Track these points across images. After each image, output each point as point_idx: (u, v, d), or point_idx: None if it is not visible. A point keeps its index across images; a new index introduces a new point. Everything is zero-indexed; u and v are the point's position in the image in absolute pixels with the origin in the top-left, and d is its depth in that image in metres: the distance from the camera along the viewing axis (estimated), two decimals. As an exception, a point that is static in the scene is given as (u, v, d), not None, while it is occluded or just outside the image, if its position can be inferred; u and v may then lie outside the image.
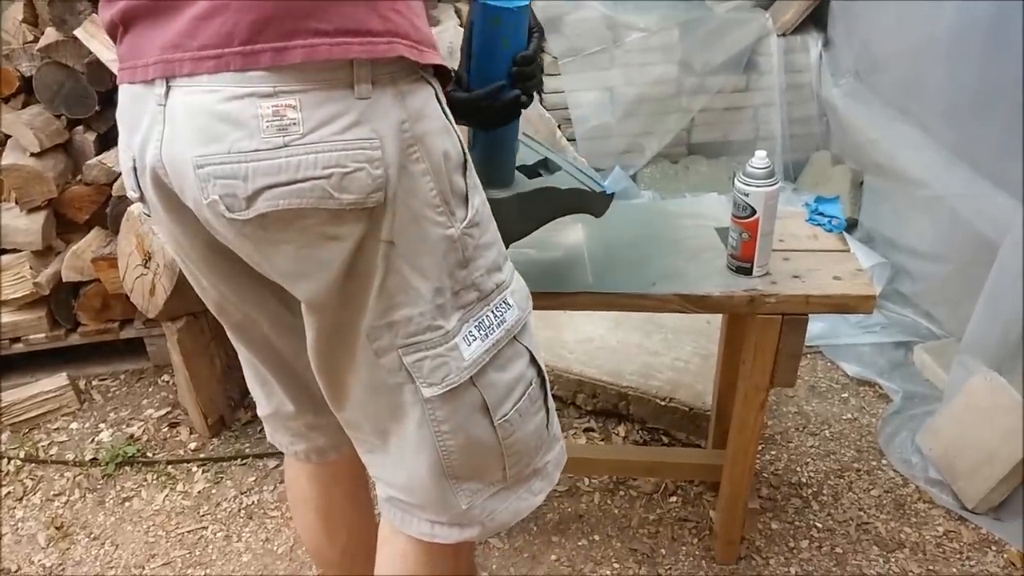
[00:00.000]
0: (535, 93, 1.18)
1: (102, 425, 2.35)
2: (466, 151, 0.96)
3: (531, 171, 1.42)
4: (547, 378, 1.09)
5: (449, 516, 1.08)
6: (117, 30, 0.92)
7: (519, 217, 1.35)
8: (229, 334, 1.17)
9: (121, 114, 0.95)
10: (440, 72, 0.93)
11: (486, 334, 0.98)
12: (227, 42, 0.81)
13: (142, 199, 0.98)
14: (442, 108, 0.92)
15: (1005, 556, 1.85)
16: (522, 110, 1.17)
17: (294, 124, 0.82)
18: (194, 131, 0.84)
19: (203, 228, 0.93)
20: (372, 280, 0.91)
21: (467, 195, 0.95)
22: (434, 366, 0.96)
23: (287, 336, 1.13)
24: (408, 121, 0.86)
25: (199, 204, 0.87)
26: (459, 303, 0.96)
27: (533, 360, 1.06)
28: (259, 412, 1.30)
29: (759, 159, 1.40)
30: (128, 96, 0.93)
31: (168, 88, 0.86)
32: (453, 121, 0.95)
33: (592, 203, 1.41)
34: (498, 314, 1.00)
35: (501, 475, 1.07)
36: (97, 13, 2.20)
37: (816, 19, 3.18)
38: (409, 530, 1.12)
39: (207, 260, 1.02)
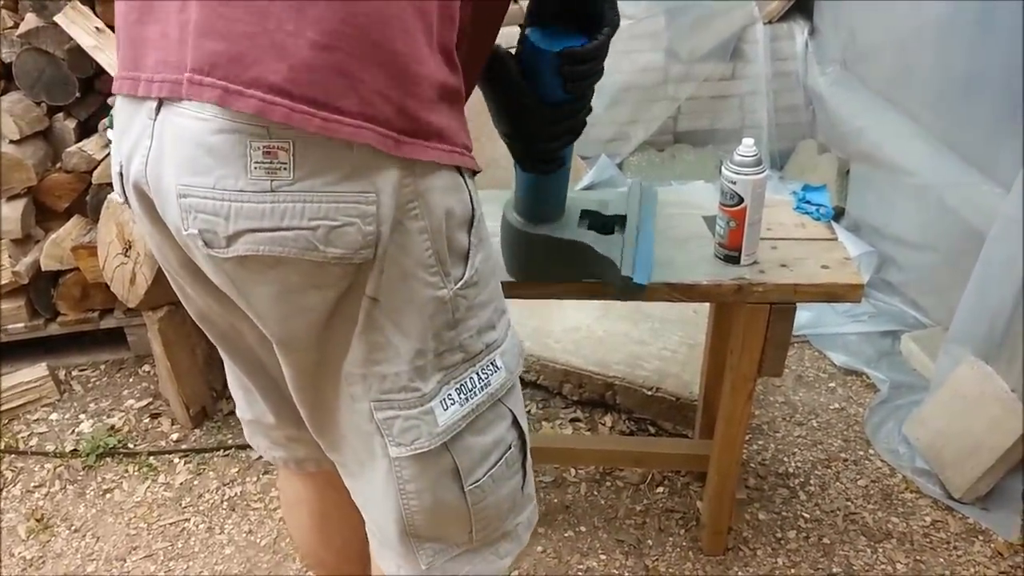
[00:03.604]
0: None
1: (82, 416, 2.33)
2: (476, 207, 0.89)
3: (602, 220, 1.38)
4: (528, 439, 1.03)
5: (409, 569, 1.04)
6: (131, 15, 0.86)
7: (527, 255, 1.36)
8: (212, 340, 1.12)
9: (116, 112, 0.91)
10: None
11: (466, 398, 0.92)
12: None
13: (127, 203, 0.94)
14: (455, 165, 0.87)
15: (992, 546, 1.86)
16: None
17: (284, 168, 0.76)
18: (179, 158, 0.79)
19: None
20: (352, 327, 0.87)
21: (468, 253, 0.88)
22: (405, 427, 0.91)
23: (272, 349, 1.10)
24: (411, 176, 0.80)
25: (179, 230, 0.83)
26: (441, 364, 0.90)
27: (515, 423, 1.00)
28: (239, 414, 1.25)
29: (746, 147, 1.38)
30: (124, 98, 0.89)
31: (160, 103, 0.81)
32: (466, 177, 0.88)
33: (614, 281, 1.35)
34: (483, 376, 0.93)
35: (467, 538, 1.02)
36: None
37: (802, 7, 3.17)
38: (380, 562, 1.08)
39: (193, 272, 0.96)
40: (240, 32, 0.74)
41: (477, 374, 0.93)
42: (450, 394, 0.91)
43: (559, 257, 1.35)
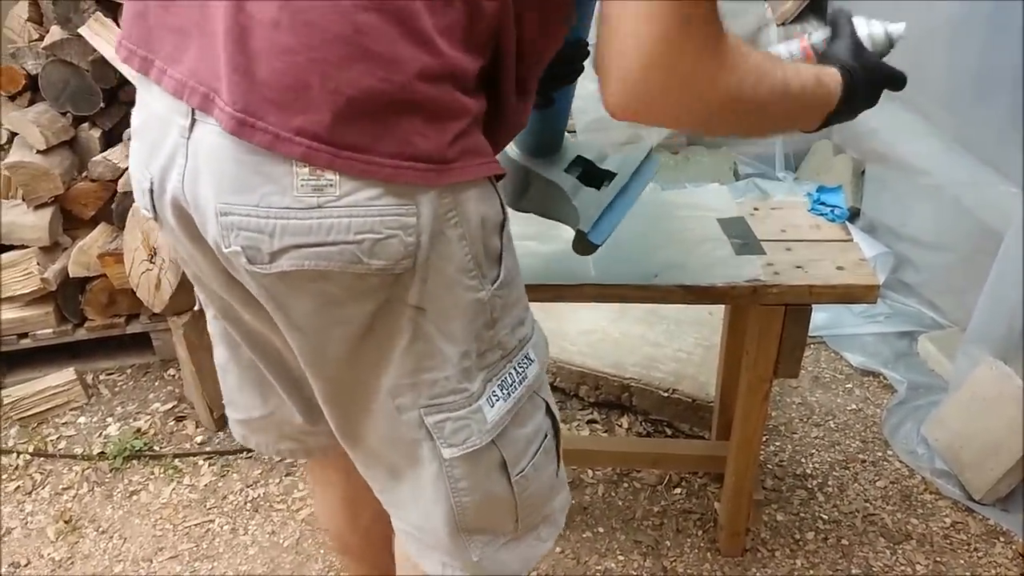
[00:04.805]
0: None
1: (109, 419, 2.37)
2: (505, 209, 0.92)
3: (592, 172, 1.36)
4: (559, 425, 1.07)
5: (461, 563, 1.07)
6: None
7: (522, 187, 1.36)
8: (238, 337, 1.11)
9: (140, 128, 0.92)
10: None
11: (508, 393, 0.96)
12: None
13: (156, 218, 0.95)
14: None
15: (1013, 548, 1.85)
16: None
17: (330, 185, 0.78)
18: (219, 176, 0.81)
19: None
20: (397, 340, 0.88)
21: (501, 255, 0.91)
22: (456, 428, 0.94)
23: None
24: (448, 188, 0.83)
25: (218, 248, 0.85)
26: (484, 363, 0.93)
27: (549, 410, 1.04)
28: (240, 416, 1.22)
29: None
30: (148, 112, 0.90)
31: (194, 121, 0.82)
32: (495, 183, 0.91)
33: (576, 232, 1.35)
34: (520, 370, 0.97)
35: (513, 526, 1.06)
36: (101, 12, 2.21)
37: (815, 8, 3.16)
38: (423, 564, 1.10)
39: (226, 285, 0.97)
40: (286, 84, 0.76)
41: (515, 368, 0.96)
42: (494, 391, 0.94)
43: (538, 192, 1.35)
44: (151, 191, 0.91)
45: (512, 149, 1.36)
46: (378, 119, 0.78)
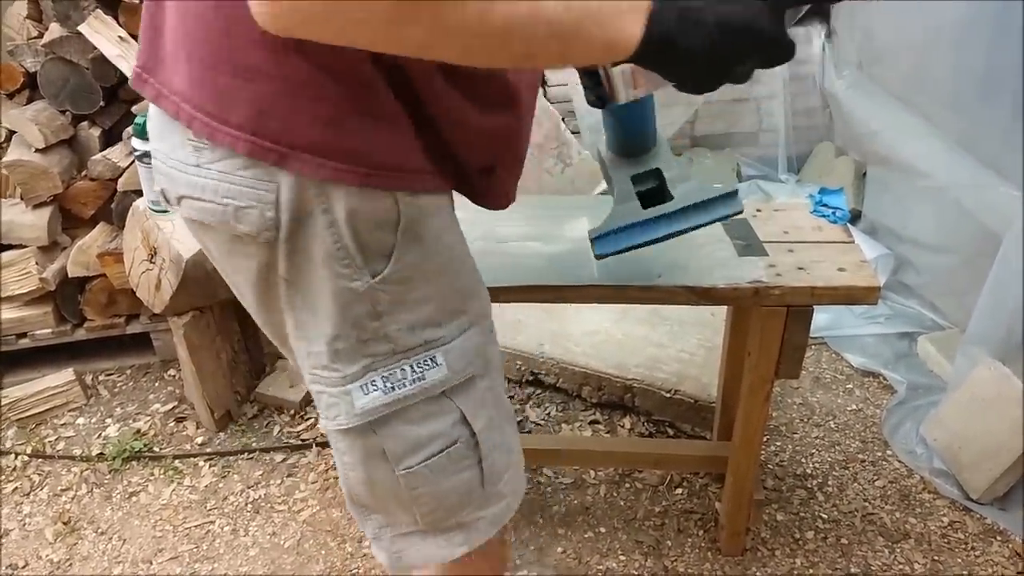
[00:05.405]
0: None
1: (109, 420, 2.36)
2: (403, 210, 0.88)
3: (660, 188, 1.35)
4: (484, 440, 1.03)
5: (369, 535, 1.11)
6: None
7: (606, 178, 1.42)
8: None
9: None
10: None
11: (392, 387, 0.94)
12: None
13: None
14: None
15: (1010, 546, 1.86)
16: None
17: (206, 148, 0.85)
18: (153, 123, 0.93)
19: None
20: (279, 303, 0.94)
21: (392, 252, 0.89)
22: (329, 403, 0.97)
23: None
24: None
25: None
26: (366, 351, 0.93)
27: (464, 421, 1.00)
28: None
29: None
30: None
31: None
32: (399, 192, 0.89)
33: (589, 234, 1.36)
34: (417, 370, 0.95)
35: (411, 519, 1.05)
36: (101, 9, 2.21)
37: (818, 12, 3.17)
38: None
39: None
40: (169, 51, 0.87)
41: (411, 367, 0.95)
42: (375, 380, 0.94)
43: (609, 186, 1.39)
44: None
45: (601, 144, 1.40)
46: (223, 88, 0.82)
